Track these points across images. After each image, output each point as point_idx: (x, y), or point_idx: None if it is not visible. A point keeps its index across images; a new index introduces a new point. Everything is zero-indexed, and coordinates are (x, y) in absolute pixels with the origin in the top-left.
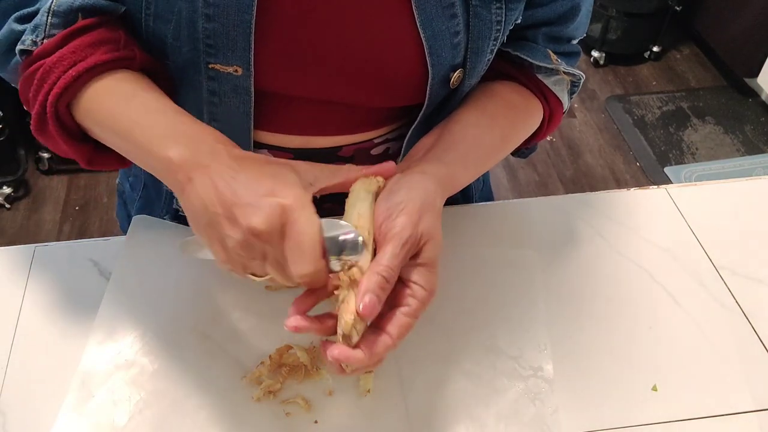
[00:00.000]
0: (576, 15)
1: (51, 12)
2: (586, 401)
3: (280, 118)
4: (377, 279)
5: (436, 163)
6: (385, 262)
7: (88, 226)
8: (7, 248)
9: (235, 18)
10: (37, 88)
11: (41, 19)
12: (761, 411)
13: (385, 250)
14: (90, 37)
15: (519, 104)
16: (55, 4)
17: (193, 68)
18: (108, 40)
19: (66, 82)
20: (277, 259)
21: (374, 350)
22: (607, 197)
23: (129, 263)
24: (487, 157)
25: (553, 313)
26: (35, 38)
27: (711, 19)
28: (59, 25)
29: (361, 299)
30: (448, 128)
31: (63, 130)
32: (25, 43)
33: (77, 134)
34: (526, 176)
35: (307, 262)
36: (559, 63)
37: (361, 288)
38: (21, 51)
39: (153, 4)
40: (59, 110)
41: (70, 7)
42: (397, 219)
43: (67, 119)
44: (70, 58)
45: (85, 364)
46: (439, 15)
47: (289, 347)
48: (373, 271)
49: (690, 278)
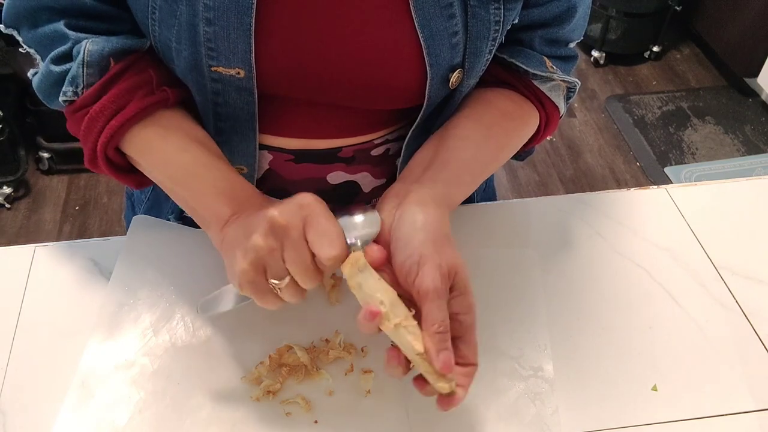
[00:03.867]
0: (572, 16)
1: (85, 63)
2: (586, 401)
3: (281, 121)
4: (440, 337)
5: (432, 184)
6: (436, 317)
7: (88, 226)
8: (7, 248)
9: (235, 21)
10: (86, 133)
11: (77, 71)
12: (761, 411)
13: (430, 306)
14: (125, 83)
15: (515, 113)
16: (87, 56)
17: (197, 71)
18: (142, 83)
19: (111, 131)
20: (298, 253)
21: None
22: (607, 197)
23: (129, 263)
24: (484, 170)
25: (553, 313)
26: (75, 89)
27: (711, 18)
28: (95, 74)
29: (438, 361)
30: (444, 143)
31: (113, 166)
32: (67, 95)
33: (126, 167)
34: (526, 176)
35: (335, 245)
36: (554, 71)
37: (430, 353)
38: (64, 101)
39: (158, 10)
40: (108, 155)
41: (101, 54)
42: (423, 270)
43: (117, 159)
44: (111, 108)
45: (85, 364)
46: (437, 15)
47: (289, 347)
48: (432, 331)
49: (690, 278)
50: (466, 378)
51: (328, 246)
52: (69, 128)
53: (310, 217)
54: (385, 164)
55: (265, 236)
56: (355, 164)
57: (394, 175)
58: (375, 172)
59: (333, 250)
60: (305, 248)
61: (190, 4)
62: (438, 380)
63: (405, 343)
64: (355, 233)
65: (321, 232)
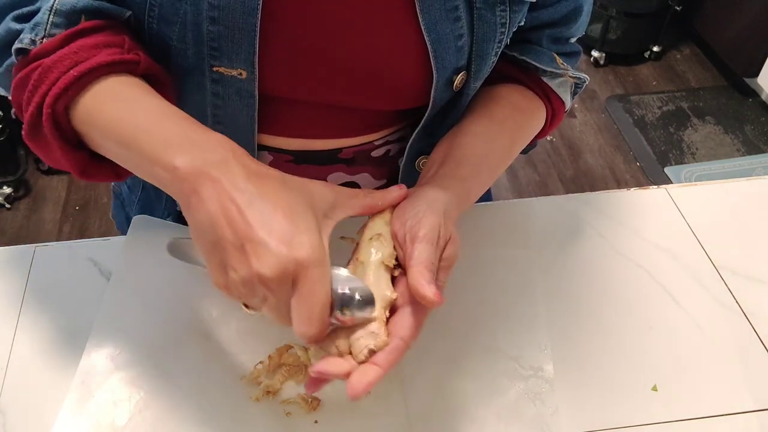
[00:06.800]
0: (579, 15)
1: (53, 11)
2: (586, 401)
3: (282, 121)
4: (429, 274)
5: (451, 180)
6: (428, 257)
7: (88, 226)
8: (7, 248)
9: (240, 21)
10: (33, 88)
11: (42, 18)
12: (761, 411)
13: (423, 247)
14: (93, 39)
15: (525, 107)
16: (57, 3)
17: (198, 71)
18: (112, 43)
19: (66, 82)
20: (278, 306)
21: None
22: (607, 197)
23: (129, 263)
24: (499, 165)
25: (553, 313)
26: (34, 37)
27: (711, 18)
28: (61, 25)
29: (428, 289)
30: (457, 140)
31: (59, 134)
32: (23, 42)
33: (73, 140)
34: (526, 176)
35: (315, 325)
36: (566, 68)
37: (419, 282)
38: (18, 50)
39: (157, 6)
40: (56, 112)
41: (74, 7)
42: (425, 219)
43: (64, 123)
44: (72, 58)
45: (85, 364)
46: (443, 18)
47: (289, 347)
48: (422, 265)
49: (690, 278)
50: (387, 356)
51: (307, 325)
52: (13, 98)
53: (301, 282)
54: (386, 165)
55: (245, 283)
56: (355, 165)
57: (394, 176)
58: (375, 173)
59: (310, 330)
60: (286, 309)
61: (195, 3)
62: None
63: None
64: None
65: (305, 306)
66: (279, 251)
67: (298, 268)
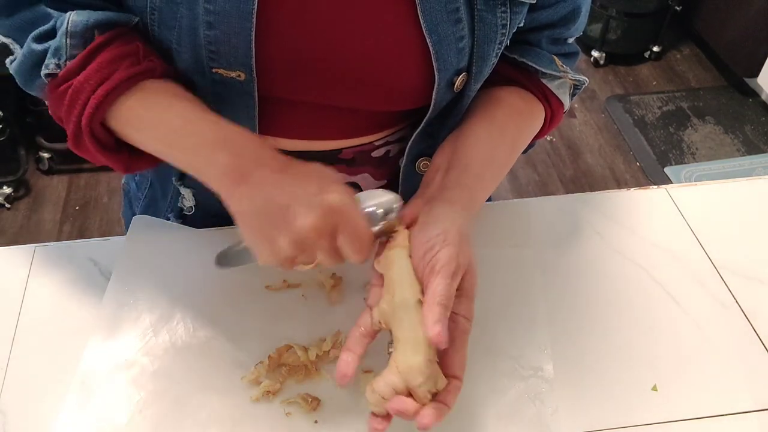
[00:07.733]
0: (578, 16)
1: (68, 33)
2: (586, 401)
3: (282, 123)
4: (440, 309)
5: (458, 189)
6: (442, 291)
7: (88, 226)
8: (7, 248)
9: (236, 25)
10: (69, 108)
11: (60, 42)
12: (761, 411)
13: (438, 281)
14: (110, 53)
15: (524, 109)
16: (70, 26)
17: (198, 73)
18: (128, 54)
19: (96, 101)
20: (329, 249)
21: (451, 400)
22: (607, 197)
23: (129, 263)
24: (502, 168)
25: (553, 313)
26: (58, 61)
27: (711, 19)
28: (78, 45)
29: (432, 329)
30: (460, 145)
31: (99, 144)
32: (49, 68)
33: (112, 146)
34: (526, 176)
35: (365, 251)
36: (565, 70)
37: (427, 320)
38: (47, 75)
39: (157, 11)
40: (93, 128)
41: (86, 25)
42: (442, 251)
43: (102, 134)
44: (96, 77)
45: (85, 363)
46: (444, 20)
47: (289, 347)
48: (434, 302)
49: (690, 278)
50: (450, 395)
51: (360, 252)
52: (51, 110)
53: (342, 223)
54: (386, 166)
55: (296, 242)
56: (355, 166)
57: (395, 176)
58: (376, 174)
59: (363, 256)
60: (335, 250)
61: (191, 7)
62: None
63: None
64: (374, 202)
65: (352, 239)
66: (316, 203)
67: (336, 212)
